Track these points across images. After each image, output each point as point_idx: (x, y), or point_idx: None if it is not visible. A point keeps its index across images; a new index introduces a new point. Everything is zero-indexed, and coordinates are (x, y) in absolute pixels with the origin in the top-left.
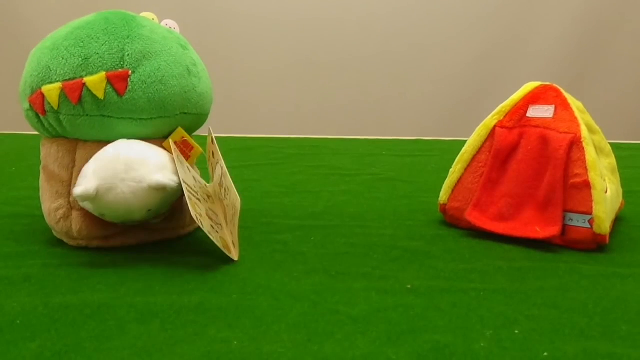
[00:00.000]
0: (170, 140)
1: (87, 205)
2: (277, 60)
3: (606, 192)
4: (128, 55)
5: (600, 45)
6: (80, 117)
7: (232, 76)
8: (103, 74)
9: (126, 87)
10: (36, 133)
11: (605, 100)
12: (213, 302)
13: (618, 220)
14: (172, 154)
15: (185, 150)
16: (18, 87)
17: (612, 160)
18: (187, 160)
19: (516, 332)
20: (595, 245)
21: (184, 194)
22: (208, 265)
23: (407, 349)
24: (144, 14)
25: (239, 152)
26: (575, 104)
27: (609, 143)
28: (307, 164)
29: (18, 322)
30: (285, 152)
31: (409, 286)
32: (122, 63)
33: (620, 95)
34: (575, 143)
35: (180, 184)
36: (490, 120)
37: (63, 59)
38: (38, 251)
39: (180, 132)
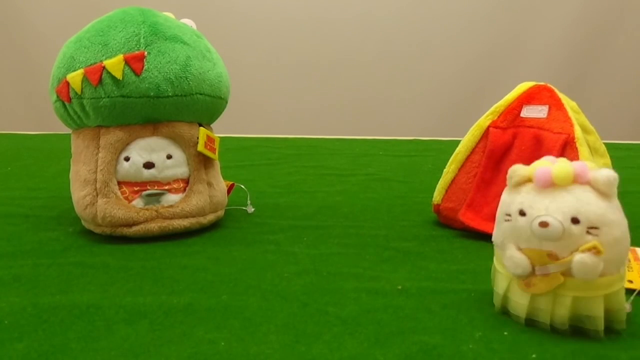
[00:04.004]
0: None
1: None
2: (274, 60)
3: None
4: (143, 38)
5: (600, 46)
6: (101, 99)
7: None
8: (121, 56)
9: (142, 67)
10: (32, 133)
11: (604, 100)
12: (202, 302)
13: None
14: (210, 156)
15: (212, 146)
16: (15, 87)
17: (607, 160)
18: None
19: (505, 333)
20: None
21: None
22: (199, 265)
23: (395, 350)
24: (164, 14)
25: (235, 152)
26: (569, 104)
27: (607, 143)
28: (303, 164)
29: (6, 322)
30: (281, 152)
31: (399, 287)
32: (138, 45)
33: (619, 96)
34: (568, 143)
35: None
36: (484, 120)
37: (85, 48)
38: (29, 251)
39: (204, 132)
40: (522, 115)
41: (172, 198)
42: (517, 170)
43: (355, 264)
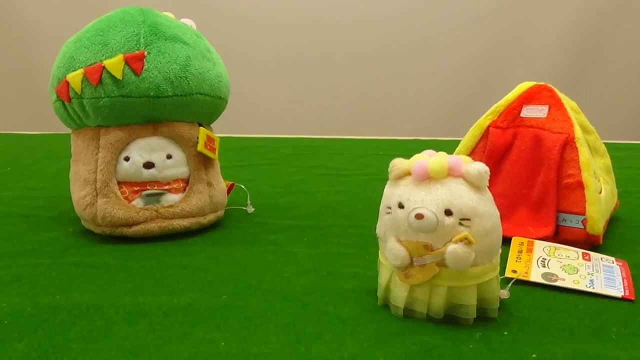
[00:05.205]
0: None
1: None
2: (274, 60)
3: (600, 192)
4: (143, 37)
5: (599, 46)
6: (101, 99)
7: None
8: (121, 56)
9: (142, 67)
10: (32, 133)
11: (604, 100)
12: (202, 302)
13: (613, 221)
14: (210, 156)
15: (212, 146)
16: (15, 87)
17: (607, 160)
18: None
19: (505, 333)
20: (589, 246)
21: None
22: (199, 265)
23: (395, 350)
24: (163, 14)
25: (236, 151)
26: (569, 103)
27: (607, 143)
28: (303, 164)
29: (6, 322)
30: (281, 152)
31: None
32: (138, 45)
33: (619, 96)
34: (568, 143)
35: None
36: (484, 120)
37: (85, 47)
38: (29, 251)
39: (204, 132)
40: (522, 115)
41: (172, 198)
42: (397, 163)
43: (355, 264)
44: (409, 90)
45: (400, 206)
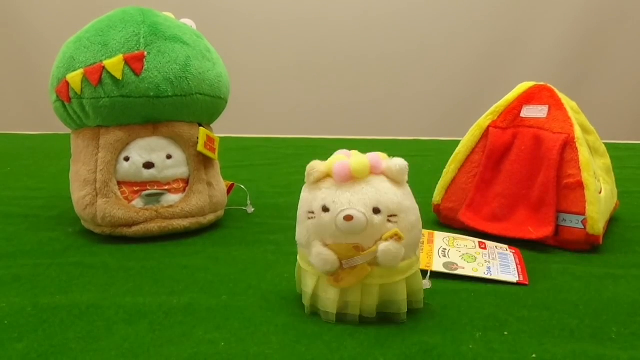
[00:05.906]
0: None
1: None
2: (275, 60)
3: (600, 192)
4: (143, 38)
5: (600, 46)
6: (101, 99)
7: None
8: (120, 56)
9: (142, 67)
10: (32, 133)
11: (604, 100)
12: (202, 303)
13: (613, 221)
14: (210, 156)
15: (212, 146)
16: (15, 87)
17: (607, 160)
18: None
19: (505, 333)
20: (589, 246)
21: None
22: (199, 265)
23: (395, 350)
24: (163, 14)
25: (236, 152)
26: (569, 104)
27: (607, 143)
28: (303, 164)
29: (6, 322)
30: (281, 152)
31: None
32: (138, 45)
33: (619, 95)
34: (568, 143)
35: None
36: (484, 120)
37: (85, 48)
38: (29, 251)
39: (204, 132)
40: (522, 115)
41: (172, 198)
42: (316, 166)
43: None
44: (409, 90)
45: (325, 209)
